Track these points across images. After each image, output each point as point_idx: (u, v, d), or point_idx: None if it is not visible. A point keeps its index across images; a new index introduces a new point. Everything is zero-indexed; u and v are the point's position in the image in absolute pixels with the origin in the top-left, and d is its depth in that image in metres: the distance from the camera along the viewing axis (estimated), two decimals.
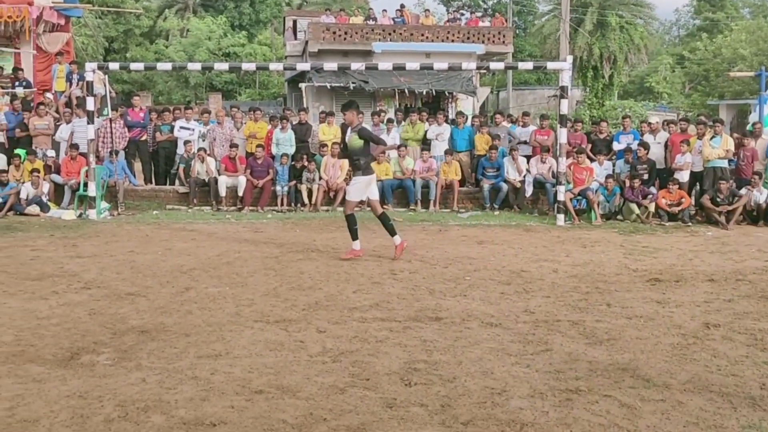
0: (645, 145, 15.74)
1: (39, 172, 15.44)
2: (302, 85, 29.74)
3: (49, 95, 18.52)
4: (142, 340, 6.42)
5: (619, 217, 15.08)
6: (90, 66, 15.28)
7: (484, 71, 35.30)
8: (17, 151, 16.24)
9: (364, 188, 10.56)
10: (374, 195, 10.72)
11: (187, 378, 5.44)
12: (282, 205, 16.20)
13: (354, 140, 10.52)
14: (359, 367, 5.71)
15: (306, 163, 16.20)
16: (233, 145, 16.49)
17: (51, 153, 16.63)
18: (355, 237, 10.50)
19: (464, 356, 5.99)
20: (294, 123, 17.60)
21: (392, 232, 10.55)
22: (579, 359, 5.94)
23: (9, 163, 15.85)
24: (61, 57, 19.38)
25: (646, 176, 15.31)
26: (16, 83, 18.82)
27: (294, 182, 16.29)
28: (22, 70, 19.28)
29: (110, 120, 16.61)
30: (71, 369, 5.66)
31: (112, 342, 6.35)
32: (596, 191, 15.18)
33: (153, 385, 5.30)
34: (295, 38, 35.91)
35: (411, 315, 7.31)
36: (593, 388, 5.26)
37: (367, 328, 6.79)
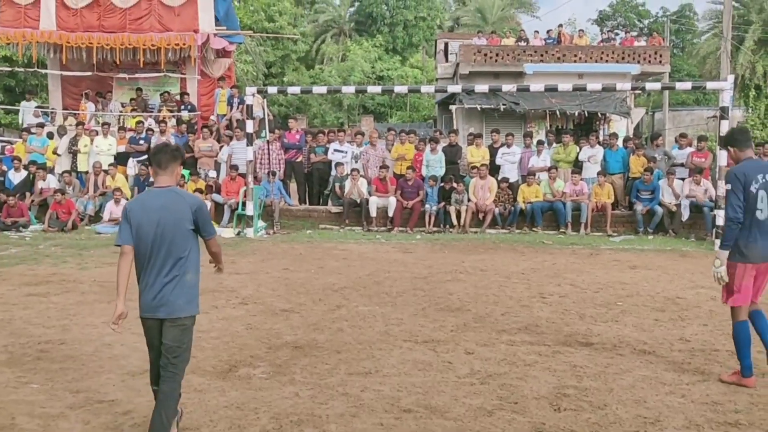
0: None
1: (201, 191, 16.18)
2: (453, 107, 29.84)
3: (212, 118, 19.36)
4: (296, 355, 6.62)
5: None
6: (250, 90, 15.95)
7: (639, 92, 34.43)
8: (182, 171, 17.03)
9: None
10: None
11: (338, 394, 5.58)
12: (431, 225, 16.30)
13: None
14: (507, 390, 5.69)
15: (455, 185, 16.27)
16: (383, 167, 16.75)
17: (212, 174, 17.37)
18: None
19: (615, 383, 5.88)
20: (444, 145, 17.72)
21: None
22: (739, 391, 5.72)
23: None
24: (223, 81, 20.27)
25: None
26: (182, 107, 19.81)
27: (443, 203, 16.38)
28: (188, 94, 20.29)
29: (268, 142, 17.22)
30: (229, 381, 5.92)
31: (268, 356, 6.59)
32: None
33: (306, 399, 5.47)
34: (447, 60, 36.18)
35: (560, 339, 7.22)
36: (754, 422, 5.06)
37: (516, 351, 6.76)
